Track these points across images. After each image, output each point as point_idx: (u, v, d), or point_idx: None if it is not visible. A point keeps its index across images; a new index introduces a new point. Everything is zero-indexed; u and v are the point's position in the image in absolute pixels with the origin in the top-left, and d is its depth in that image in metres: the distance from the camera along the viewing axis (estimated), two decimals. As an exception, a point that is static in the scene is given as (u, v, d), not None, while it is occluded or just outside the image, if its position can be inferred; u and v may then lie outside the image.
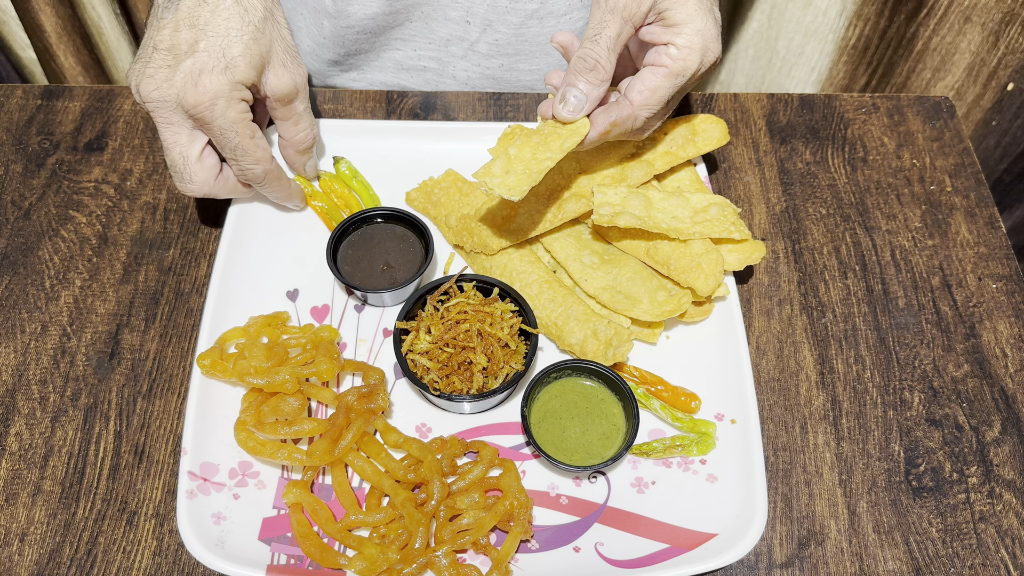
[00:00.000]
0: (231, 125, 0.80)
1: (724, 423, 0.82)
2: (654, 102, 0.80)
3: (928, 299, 0.93)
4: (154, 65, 0.77)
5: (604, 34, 0.78)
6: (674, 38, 0.78)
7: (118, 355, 0.87)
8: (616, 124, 0.81)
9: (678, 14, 0.77)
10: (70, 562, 0.76)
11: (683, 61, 0.78)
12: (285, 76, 0.83)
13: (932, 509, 0.80)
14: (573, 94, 0.79)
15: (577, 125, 0.80)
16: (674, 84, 0.79)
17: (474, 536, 0.73)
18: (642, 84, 0.80)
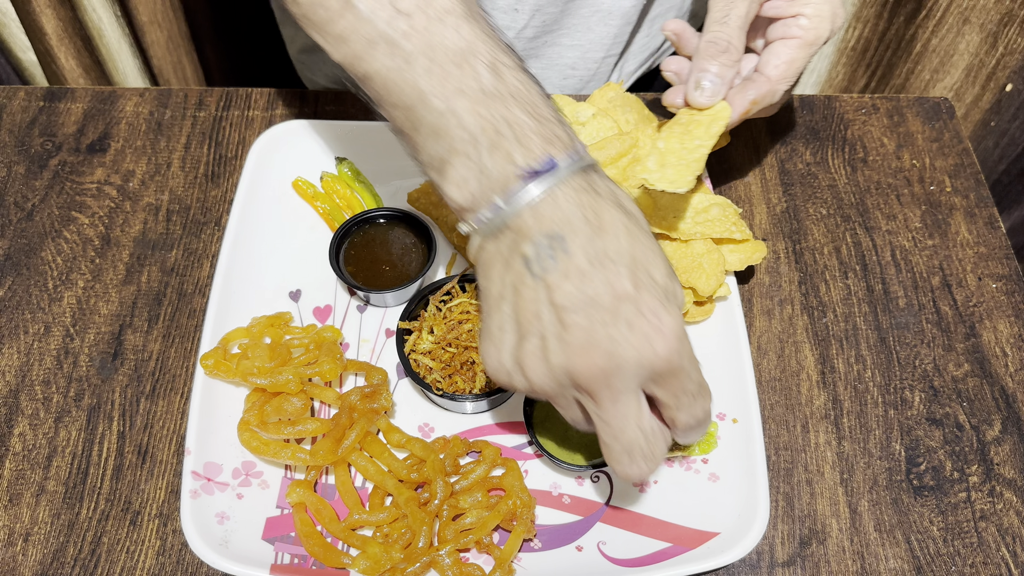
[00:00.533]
0: (695, 362, 0.62)
1: (726, 422, 0.82)
2: (791, 74, 0.81)
3: (928, 299, 0.93)
4: (580, 331, 0.57)
5: (733, 14, 0.78)
6: (803, 8, 0.80)
7: (121, 356, 0.87)
8: (756, 102, 0.81)
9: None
10: (74, 562, 0.76)
11: (815, 30, 0.80)
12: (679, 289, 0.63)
13: (933, 508, 0.81)
14: (708, 79, 0.79)
15: (718, 109, 0.80)
16: (808, 54, 0.81)
17: (477, 535, 0.74)
18: (777, 58, 0.80)
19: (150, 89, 1.07)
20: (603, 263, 0.57)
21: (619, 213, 0.59)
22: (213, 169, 1.00)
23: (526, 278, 0.59)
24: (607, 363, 0.57)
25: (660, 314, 0.57)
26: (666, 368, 0.58)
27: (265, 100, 1.06)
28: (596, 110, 0.96)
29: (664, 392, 0.61)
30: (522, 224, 0.59)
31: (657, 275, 0.59)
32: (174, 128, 1.04)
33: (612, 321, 0.57)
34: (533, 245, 0.58)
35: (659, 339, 0.57)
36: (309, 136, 0.99)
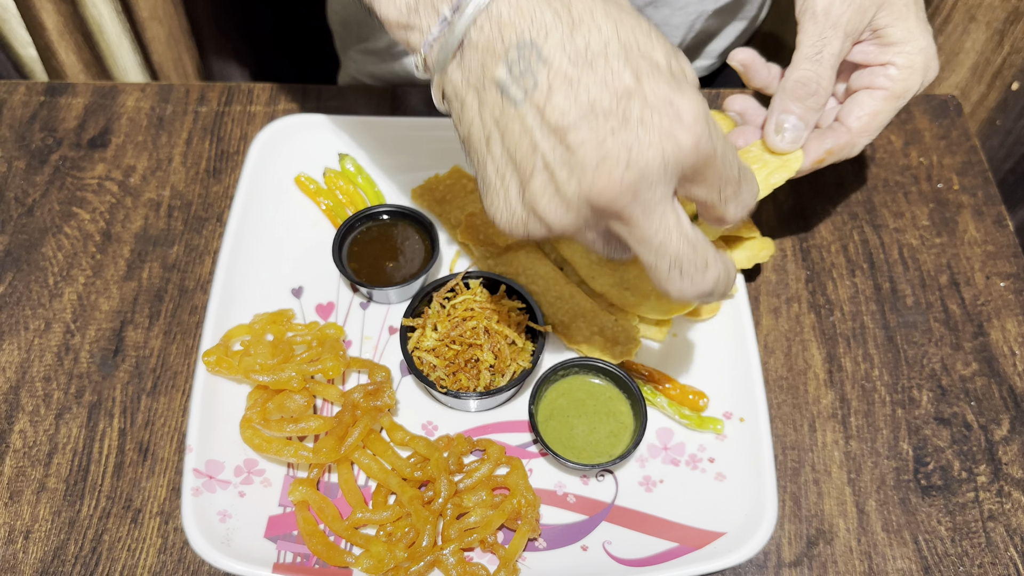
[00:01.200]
0: (727, 143, 0.53)
1: (732, 421, 0.81)
2: (874, 127, 0.74)
3: (936, 297, 0.92)
4: (588, 147, 0.49)
5: (827, 52, 0.71)
6: (894, 57, 0.72)
7: (122, 352, 0.86)
8: (832, 152, 0.75)
9: (898, 31, 0.71)
10: (75, 560, 0.75)
11: (904, 82, 0.73)
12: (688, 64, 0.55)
13: (941, 508, 0.80)
14: (791, 122, 0.73)
15: (790, 157, 0.75)
16: (894, 107, 0.74)
17: (481, 534, 0.73)
18: (861, 109, 0.74)
19: (151, 84, 1.06)
20: (590, 61, 0.49)
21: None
22: (215, 165, 0.99)
23: (508, 108, 0.50)
24: (629, 175, 0.49)
25: (674, 100, 0.49)
26: (697, 159, 0.50)
27: (267, 95, 1.05)
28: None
29: (704, 189, 0.53)
30: (481, 38, 0.50)
31: (658, 56, 0.51)
32: (175, 123, 1.03)
33: (622, 126, 0.49)
34: (504, 63, 0.50)
35: (680, 129, 0.49)
36: (312, 131, 0.98)
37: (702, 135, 0.50)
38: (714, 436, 0.81)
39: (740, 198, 0.56)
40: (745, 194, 0.57)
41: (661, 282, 0.55)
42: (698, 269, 0.54)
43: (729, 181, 0.54)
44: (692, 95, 0.50)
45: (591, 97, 0.49)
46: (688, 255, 0.53)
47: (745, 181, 0.56)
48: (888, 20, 0.72)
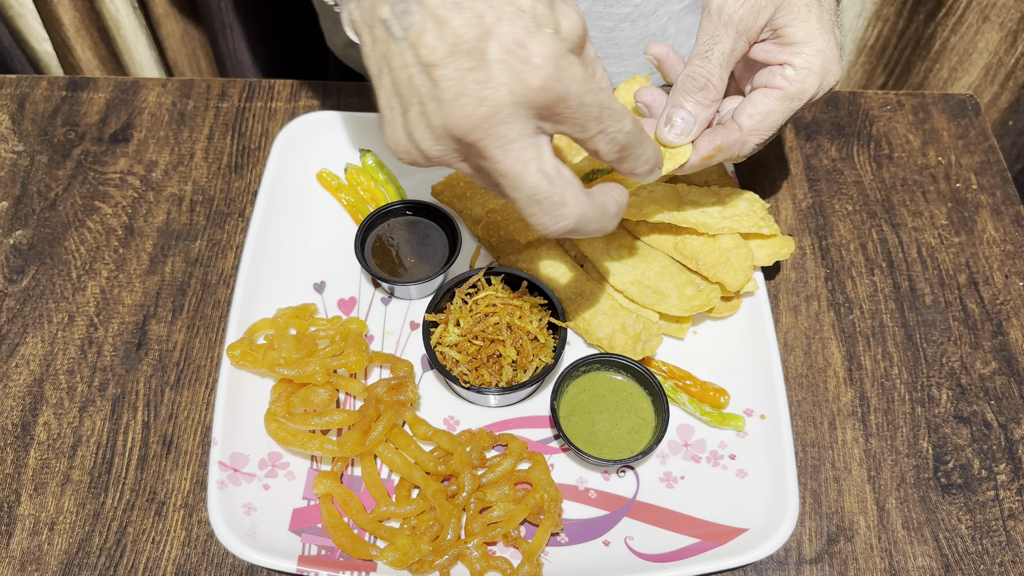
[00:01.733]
0: (584, 85, 0.55)
1: (754, 418, 0.82)
2: (765, 127, 0.74)
3: (955, 296, 0.92)
4: (450, 83, 0.53)
5: (716, 50, 0.72)
6: (791, 58, 0.72)
7: (145, 345, 0.87)
8: (721, 149, 0.75)
9: (797, 32, 0.71)
10: (99, 551, 0.75)
11: (800, 83, 0.73)
12: (571, 11, 0.59)
13: (961, 506, 0.80)
14: (681, 116, 0.74)
15: (678, 150, 0.75)
16: (789, 108, 0.74)
17: (505, 528, 0.73)
18: (753, 107, 0.74)
19: (172, 79, 1.07)
20: (458, 4, 0.53)
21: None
22: (236, 160, 1.00)
23: (391, 44, 0.55)
24: (482, 110, 0.53)
25: (526, 43, 0.53)
26: (547, 98, 0.54)
27: (288, 91, 1.06)
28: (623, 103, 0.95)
29: (566, 126, 0.57)
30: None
31: (523, 2, 0.54)
32: (197, 119, 1.03)
33: (479, 64, 0.53)
34: (387, 4, 0.55)
35: (529, 71, 0.52)
36: (333, 128, 0.98)
37: (550, 76, 0.53)
38: (735, 433, 0.81)
39: (609, 135, 0.58)
40: (614, 132, 0.58)
41: (525, 215, 0.59)
42: (555, 204, 0.57)
43: (589, 119, 0.56)
44: (546, 39, 0.53)
45: (456, 37, 0.53)
46: (545, 188, 0.56)
47: (611, 119, 0.58)
48: (787, 20, 0.72)
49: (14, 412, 0.82)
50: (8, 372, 0.84)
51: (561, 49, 0.54)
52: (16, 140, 1.01)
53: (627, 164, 0.62)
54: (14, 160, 0.99)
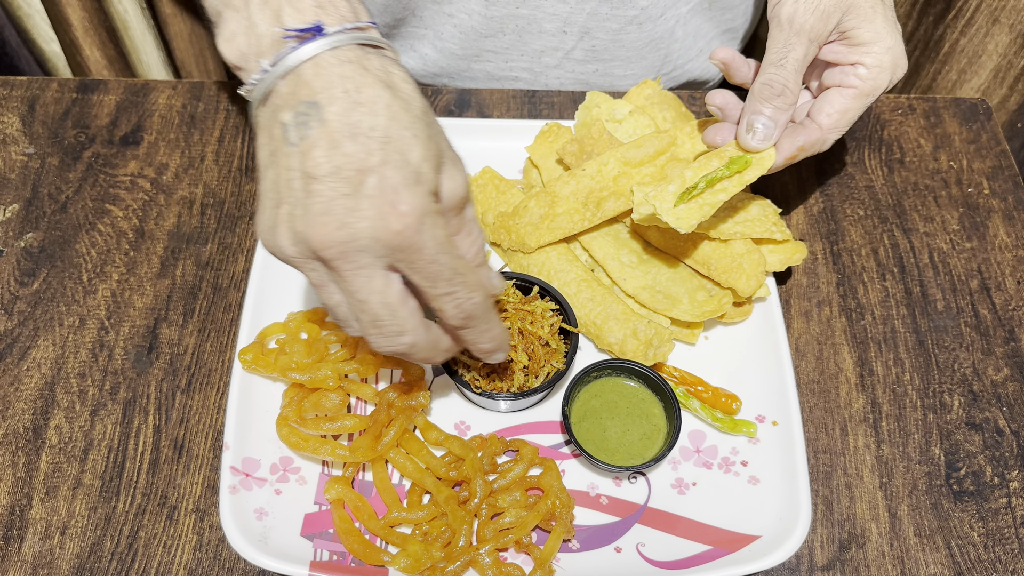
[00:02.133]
0: (443, 246, 0.60)
1: (765, 424, 0.81)
2: (843, 124, 0.79)
3: (967, 302, 0.92)
4: (321, 199, 0.57)
5: (791, 57, 0.76)
6: (862, 57, 0.77)
7: (156, 349, 0.87)
8: (804, 148, 0.79)
9: (865, 32, 0.76)
10: (111, 556, 0.76)
11: (873, 81, 0.77)
12: (458, 176, 0.64)
13: (973, 513, 0.80)
14: (762, 122, 0.78)
15: (763, 155, 0.79)
16: (864, 104, 0.79)
17: (517, 535, 0.73)
18: (831, 106, 0.79)
19: (182, 82, 1.07)
20: (355, 135, 0.57)
21: (383, 91, 0.59)
22: (247, 163, 1.00)
23: (284, 145, 0.59)
24: (341, 233, 0.57)
25: (400, 191, 0.57)
26: (403, 245, 0.58)
27: (298, 94, 1.06)
28: (633, 107, 0.95)
29: (416, 276, 0.60)
30: (284, 89, 0.59)
31: (412, 156, 0.58)
32: (207, 121, 1.03)
33: (353, 193, 0.57)
34: (291, 111, 0.58)
35: (393, 216, 0.57)
36: (343, 131, 0.98)
37: (410, 226, 0.57)
38: (746, 439, 0.81)
39: (456, 299, 0.63)
40: (462, 298, 0.63)
41: (365, 334, 0.63)
42: (393, 333, 0.62)
43: (439, 278, 0.61)
44: (418, 195, 0.58)
45: (342, 161, 0.57)
46: (386, 317, 0.61)
47: (462, 286, 0.62)
48: (855, 23, 0.76)
49: (25, 415, 0.82)
50: (19, 375, 0.85)
51: (429, 208, 0.59)
52: (27, 142, 1.01)
53: (470, 335, 0.66)
54: (24, 162, 0.99)
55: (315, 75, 0.58)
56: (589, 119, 0.95)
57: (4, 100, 1.04)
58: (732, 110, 0.83)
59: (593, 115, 0.95)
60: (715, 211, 0.78)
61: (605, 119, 0.95)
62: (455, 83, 1.14)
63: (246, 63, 0.62)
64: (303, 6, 0.60)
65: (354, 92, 0.58)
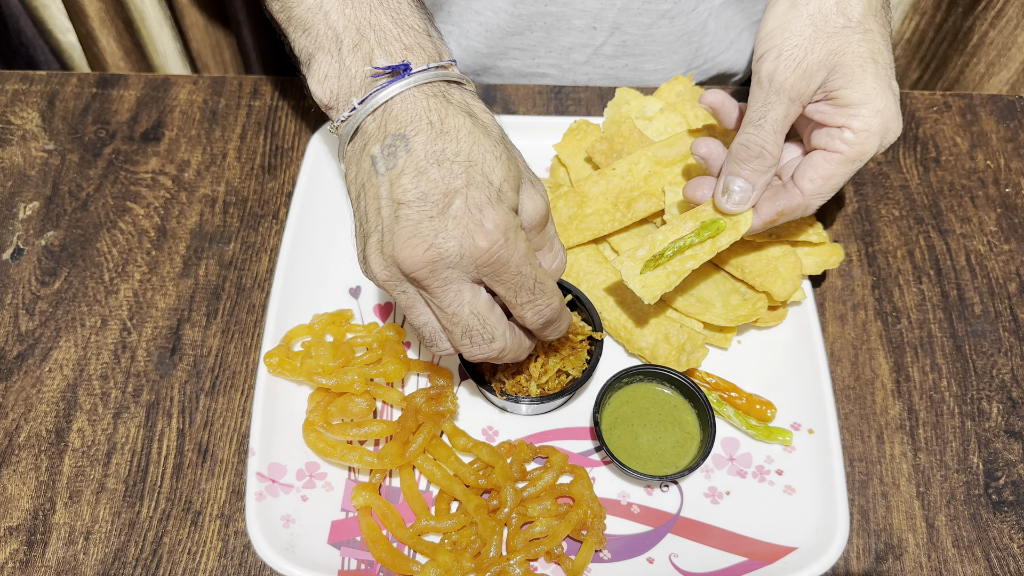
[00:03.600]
0: (525, 258, 0.63)
1: (801, 432, 0.80)
2: (827, 190, 0.73)
3: (1005, 306, 0.90)
4: (409, 223, 0.60)
5: (769, 117, 0.71)
6: (849, 120, 0.70)
7: (179, 351, 0.85)
8: (784, 213, 0.75)
9: (853, 94, 0.69)
10: (135, 562, 0.74)
11: (860, 146, 0.71)
12: (537, 196, 0.66)
13: (1013, 524, 0.78)
14: (738, 184, 0.73)
15: (739, 218, 0.75)
16: (850, 170, 0.73)
17: (548, 545, 0.72)
18: (814, 171, 0.72)
19: (203, 77, 1.05)
20: (440, 162, 0.61)
21: (465, 119, 0.63)
22: (270, 160, 0.98)
23: (373, 176, 0.63)
24: (430, 254, 0.60)
25: (485, 209, 0.60)
26: (490, 260, 0.61)
27: (320, 89, 1.04)
28: (664, 104, 0.93)
29: (501, 287, 0.64)
30: (372, 124, 0.64)
31: (494, 177, 0.62)
32: (229, 117, 1.02)
33: (439, 214, 0.60)
34: (380, 144, 0.63)
35: (480, 233, 0.60)
36: (368, 128, 0.96)
37: (496, 243, 0.61)
38: (782, 447, 0.79)
39: (535, 307, 0.66)
40: (541, 306, 0.66)
41: (456, 345, 0.67)
42: (485, 340, 0.66)
43: (523, 288, 0.64)
44: (502, 212, 0.61)
45: (428, 187, 0.61)
46: (477, 327, 0.65)
47: (542, 294, 0.66)
48: (841, 83, 0.69)
49: (48, 418, 0.81)
50: (41, 377, 0.83)
51: (512, 223, 0.62)
52: (47, 138, 0.99)
53: (545, 332, 0.71)
54: (45, 159, 0.98)
55: (402, 109, 0.63)
56: (619, 116, 0.93)
57: (23, 95, 1.03)
58: (717, 161, 0.78)
59: (623, 112, 0.93)
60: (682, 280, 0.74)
61: (635, 116, 0.93)
62: (480, 80, 1.12)
63: (337, 103, 0.67)
64: (392, 49, 0.65)
65: (438, 123, 0.62)
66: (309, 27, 0.68)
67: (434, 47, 0.67)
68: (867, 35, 0.70)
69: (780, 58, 0.69)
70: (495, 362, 0.70)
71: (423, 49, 0.66)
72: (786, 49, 0.69)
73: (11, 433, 0.80)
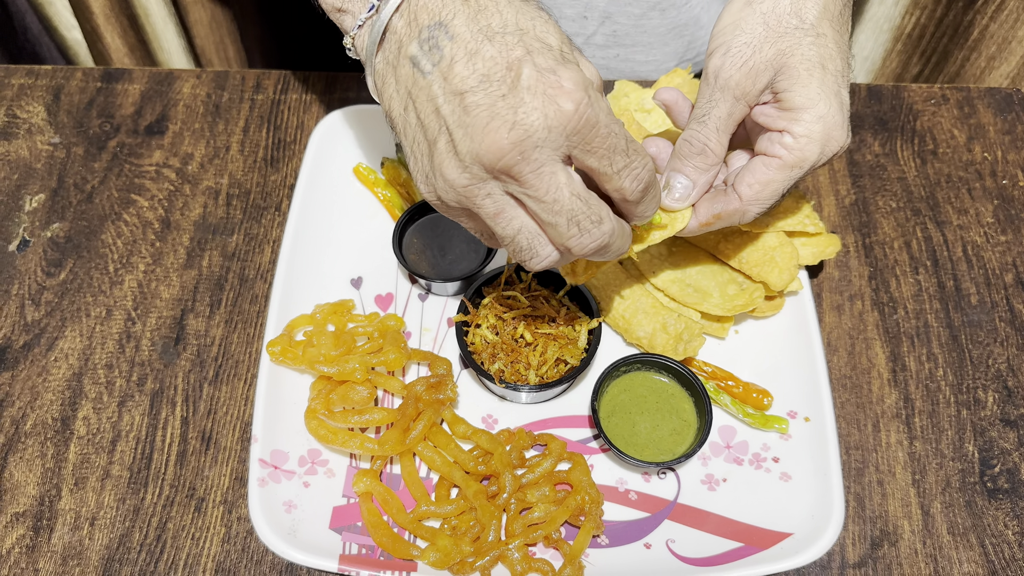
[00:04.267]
0: (612, 115, 0.57)
1: (797, 420, 0.80)
2: (765, 197, 0.71)
3: (1001, 296, 0.91)
4: (481, 109, 0.54)
5: (713, 114, 0.69)
6: (790, 125, 0.68)
7: (183, 340, 0.86)
8: (720, 217, 0.72)
9: (797, 97, 0.67)
10: (140, 547, 0.76)
11: (800, 152, 0.69)
12: (590, 65, 0.60)
13: (1008, 511, 0.79)
14: (680, 180, 0.72)
15: (676, 215, 0.73)
16: (789, 177, 0.70)
17: (546, 530, 0.73)
18: (752, 176, 0.71)
19: (207, 71, 1.06)
20: (490, 37, 0.55)
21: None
22: (272, 153, 0.99)
23: (418, 78, 0.57)
24: (514, 133, 0.54)
25: (558, 71, 0.55)
26: (579, 123, 0.55)
27: (323, 84, 1.05)
28: (663, 98, 0.94)
29: (593, 157, 0.57)
30: (401, 22, 0.58)
31: (551, 40, 0.57)
32: (232, 111, 1.03)
33: (511, 90, 0.54)
34: (416, 42, 0.56)
35: (562, 95, 0.54)
36: (370, 122, 0.98)
37: (582, 100, 0.54)
38: (778, 435, 0.80)
39: (632, 171, 0.59)
40: (638, 167, 0.59)
41: (562, 239, 0.59)
42: (593, 223, 0.58)
43: (617, 151, 0.57)
44: (576, 70, 0.55)
45: (488, 65, 0.54)
46: (582, 209, 0.58)
47: (636, 154, 0.59)
48: (786, 85, 0.68)
49: (53, 406, 0.82)
50: (47, 366, 0.85)
51: (589, 80, 0.56)
52: (52, 132, 1.00)
53: (642, 206, 0.63)
54: (50, 152, 0.99)
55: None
56: (618, 109, 0.94)
57: (29, 90, 1.04)
58: (679, 112, 0.76)
59: (622, 105, 0.94)
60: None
61: (634, 109, 0.94)
62: None
63: (351, 4, 0.60)
64: None
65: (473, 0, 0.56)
66: None
67: None
68: (819, 39, 0.67)
69: (728, 55, 0.68)
70: (600, 258, 0.63)
71: None
72: (735, 46, 0.68)
73: (18, 421, 0.82)
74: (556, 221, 0.58)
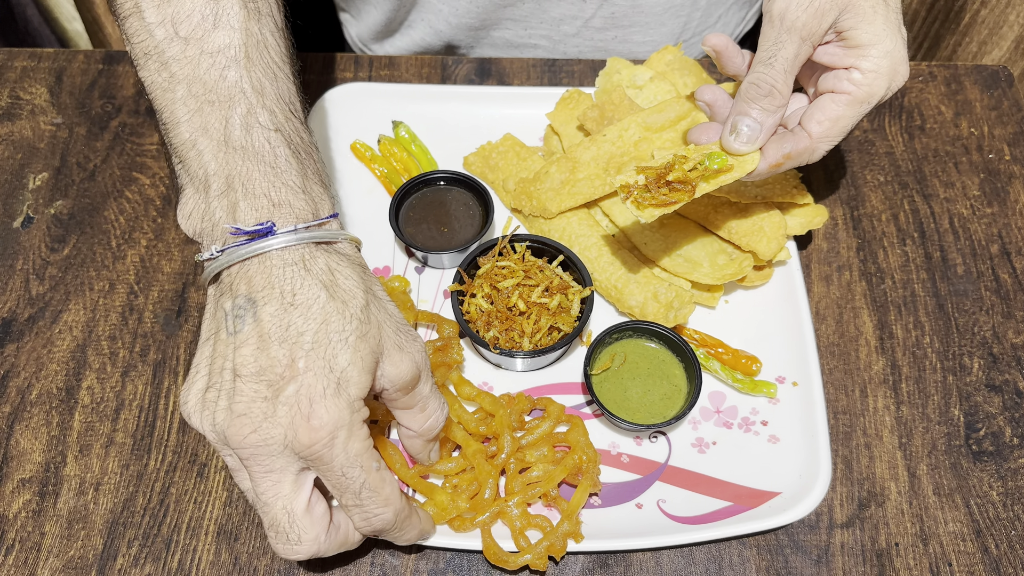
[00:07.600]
0: (354, 460, 0.60)
1: (785, 385, 0.82)
2: (835, 133, 0.73)
3: (987, 266, 0.92)
4: (243, 399, 0.58)
5: (780, 56, 0.70)
6: (858, 61, 0.70)
7: (185, 312, 0.88)
8: (791, 156, 0.74)
9: (863, 34, 0.69)
10: (143, 511, 0.77)
11: (869, 87, 0.71)
12: (404, 361, 0.63)
13: (992, 473, 0.80)
14: (747, 123, 0.73)
15: (745, 158, 0.74)
16: (858, 112, 0.72)
17: (544, 488, 0.75)
18: (822, 114, 0.72)
19: (206, 53, 1.08)
20: (284, 339, 0.58)
21: (320, 292, 0.60)
22: (271, 131, 1.01)
23: (222, 332, 0.61)
24: (255, 437, 0.58)
25: (316, 403, 0.58)
26: (312, 457, 0.59)
27: (320, 64, 1.07)
28: (654, 73, 0.95)
29: (327, 482, 0.61)
30: (229, 279, 0.61)
31: (337, 362, 0.59)
32: (231, 91, 1.04)
33: (272, 397, 0.58)
34: (231, 302, 0.60)
35: (304, 428, 0.57)
36: (366, 99, 0.99)
37: (318, 441, 0.58)
38: (767, 400, 0.82)
39: (363, 512, 0.63)
40: (370, 514, 0.63)
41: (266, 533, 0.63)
42: (289, 541, 0.62)
43: (347, 491, 0.61)
44: (335, 407, 0.58)
45: (267, 364, 0.58)
46: (284, 525, 0.61)
47: (373, 502, 0.62)
48: (852, 23, 0.70)
49: (59, 376, 0.84)
50: (52, 338, 0.86)
51: (344, 420, 0.59)
52: (55, 112, 1.02)
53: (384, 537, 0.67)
54: (53, 132, 1.01)
55: (258, 272, 0.60)
56: (610, 85, 0.96)
57: (32, 72, 1.06)
58: (721, 108, 0.78)
59: (614, 81, 0.96)
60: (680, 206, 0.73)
61: (626, 85, 0.96)
62: (474, 52, 1.14)
63: (201, 240, 0.64)
64: (259, 204, 0.61)
65: (290, 295, 0.59)
66: (183, 159, 0.64)
67: (308, 203, 0.63)
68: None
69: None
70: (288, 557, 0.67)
71: (292, 207, 0.62)
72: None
73: (23, 391, 0.83)
74: (262, 516, 0.62)
